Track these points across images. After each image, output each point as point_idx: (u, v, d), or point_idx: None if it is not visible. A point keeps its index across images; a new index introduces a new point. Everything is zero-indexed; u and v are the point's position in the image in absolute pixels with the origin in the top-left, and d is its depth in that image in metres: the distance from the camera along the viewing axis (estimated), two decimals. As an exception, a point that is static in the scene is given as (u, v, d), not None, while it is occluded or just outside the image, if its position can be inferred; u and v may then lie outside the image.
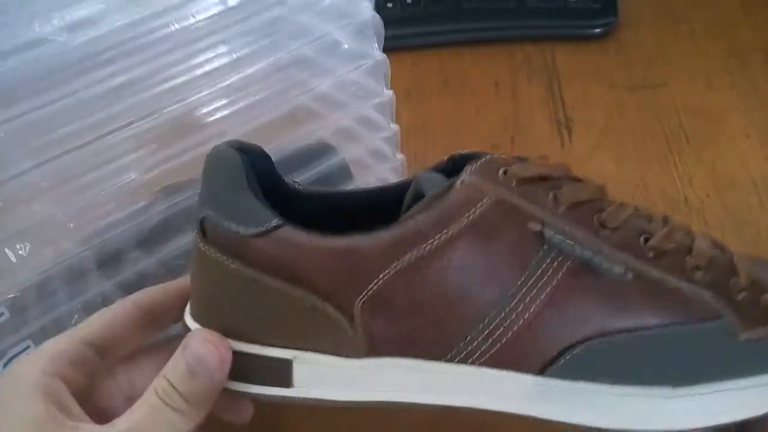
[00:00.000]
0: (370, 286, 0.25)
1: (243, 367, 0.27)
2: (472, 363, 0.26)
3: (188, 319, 0.29)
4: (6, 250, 0.29)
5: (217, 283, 0.27)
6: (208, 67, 0.30)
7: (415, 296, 0.25)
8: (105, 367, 0.28)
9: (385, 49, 0.36)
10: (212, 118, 0.31)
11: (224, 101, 0.31)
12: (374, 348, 0.26)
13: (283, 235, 0.25)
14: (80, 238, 0.31)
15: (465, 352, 0.25)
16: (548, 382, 0.25)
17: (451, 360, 0.26)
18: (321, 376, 0.27)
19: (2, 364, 0.31)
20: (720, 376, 0.25)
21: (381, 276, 0.25)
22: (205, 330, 0.27)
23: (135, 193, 0.32)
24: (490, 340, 0.25)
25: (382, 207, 0.29)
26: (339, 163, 0.38)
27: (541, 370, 0.25)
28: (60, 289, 0.32)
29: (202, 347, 0.26)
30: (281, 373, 0.27)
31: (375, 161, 0.40)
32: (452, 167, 0.28)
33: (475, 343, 0.25)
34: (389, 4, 0.60)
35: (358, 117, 0.37)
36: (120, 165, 0.30)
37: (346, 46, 0.33)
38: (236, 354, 0.27)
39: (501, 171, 0.26)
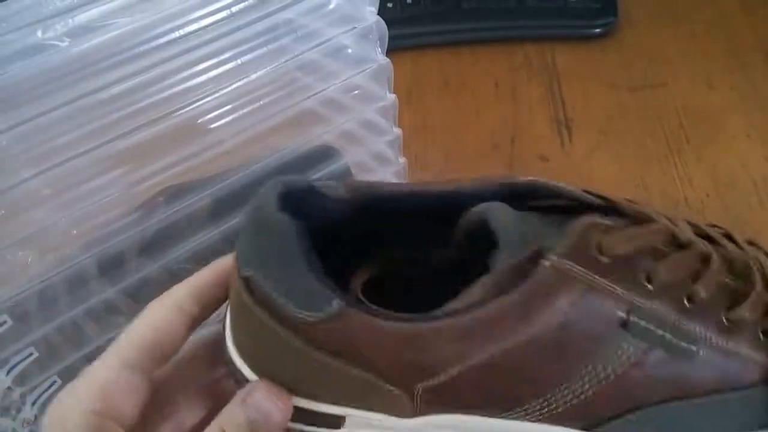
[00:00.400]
0: (437, 379, 0.23)
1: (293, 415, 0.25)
2: (528, 420, 0.25)
3: (233, 353, 0.26)
4: (8, 257, 0.29)
5: (265, 341, 0.24)
6: (213, 73, 0.30)
7: (482, 384, 0.23)
8: (154, 400, 0.25)
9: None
10: (217, 123, 0.31)
11: (229, 106, 0.31)
12: (430, 410, 0.25)
13: (344, 320, 0.23)
14: (82, 244, 0.31)
15: (522, 412, 0.24)
16: None
17: (505, 417, 0.24)
18: (371, 428, 0.26)
19: (5, 372, 0.31)
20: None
21: (449, 371, 0.23)
22: (268, 383, 0.25)
23: (138, 199, 0.31)
24: (550, 407, 0.24)
25: (427, 210, 0.27)
26: (341, 166, 0.38)
27: (593, 426, 0.24)
28: (62, 296, 0.31)
29: (267, 403, 0.24)
30: (331, 422, 0.25)
31: (378, 165, 0.40)
32: (509, 194, 0.26)
33: (534, 409, 0.24)
34: (389, 4, 0.60)
35: (361, 121, 0.37)
36: (123, 171, 0.30)
37: (350, 51, 0.33)
38: None
39: (595, 248, 0.23)
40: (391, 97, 0.36)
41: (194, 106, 0.30)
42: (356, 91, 0.36)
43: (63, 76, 0.28)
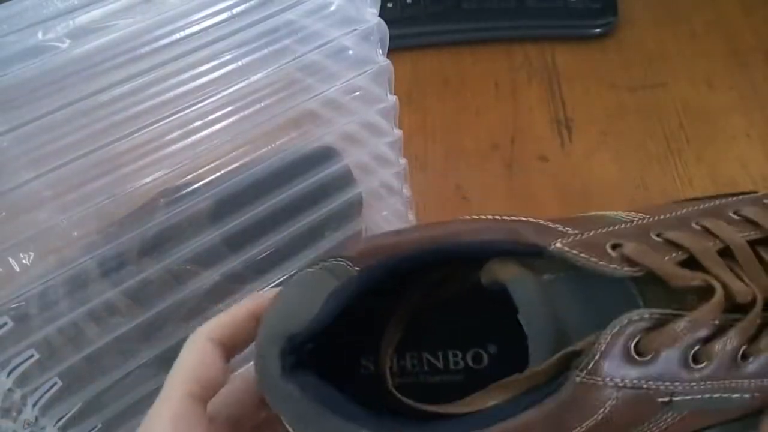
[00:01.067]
0: None
1: None
2: None
3: None
4: (9, 259, 0.29)
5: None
6: (214, 74, 0.29)
7: None
8: None
9: (385, 50, 0.36)
10: (218, 125, 0.31)
11: (230, 107, 0.31)
12: None
13: None
14: (83, 246, 0.31)
15: None
16: None
17: None
18: None
19: (6, 374, 0.31)
20: None
21: None
22: None
23: (139, 201, 0.31)
24: None
25: (439, 260, 0.25)
26: (341, 168, 0.38)
27: None
28: (63, 297, 0.31)
29: None
30: None
31: (378, 166, 0.40)
32: (524, 251, 0.24)
33: None
34: (389, 4, 0.60)
35: (362, 122, 0.37)
36: (124, 173, 0.30)
37: (351, 52, 0.33)
38: None
39: (632, 352, 0.21)
40: (392, 98, 0.36)
41: (195, 107, 0.30)
42: (357, 93, 0.36)
43: (64, 77, 0.28)
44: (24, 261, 0.29)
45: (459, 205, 0.50)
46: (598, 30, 0.59)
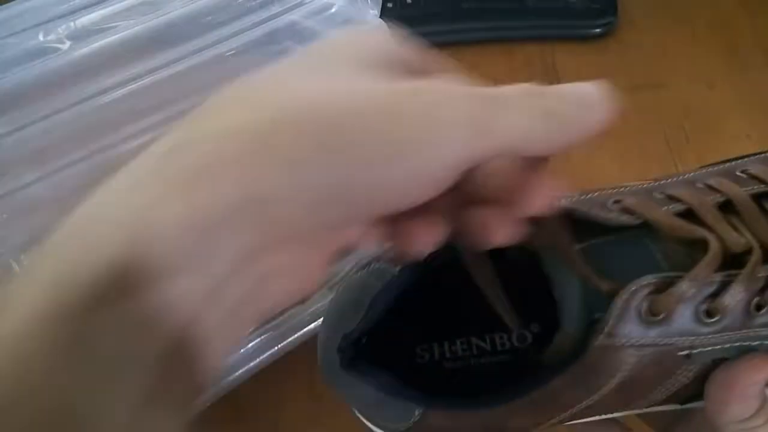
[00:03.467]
0: None
1: None
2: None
3: None
4: (11, 261, 0.29)
5: None
6: (215, 75, 0.29)
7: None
8: None
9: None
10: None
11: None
12: None
13: (429, 420, 0.25)
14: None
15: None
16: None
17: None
18: None
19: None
20: None
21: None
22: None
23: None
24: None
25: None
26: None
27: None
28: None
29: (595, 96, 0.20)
30: None
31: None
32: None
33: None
34: (389, 4, 0.60)
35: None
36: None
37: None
38: None
39: (646, 313, 0.23)
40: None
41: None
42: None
43: (65, 78, 0.28)
44: (25, 263, 0.29)
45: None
46: (598, 30, 0.59)
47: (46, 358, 0.14)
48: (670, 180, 0.27)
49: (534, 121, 0.19)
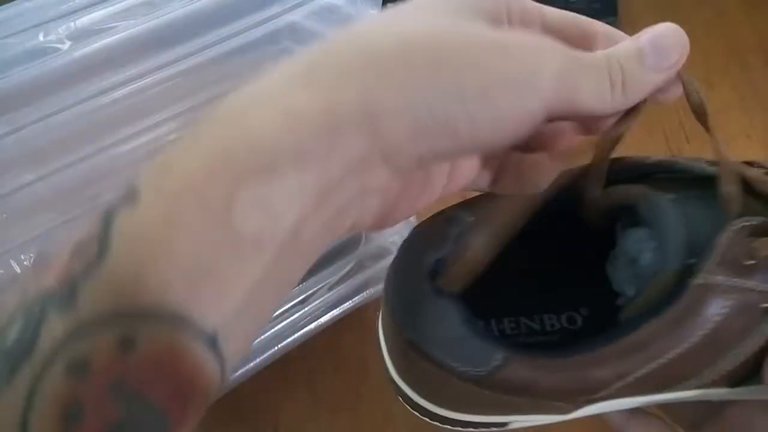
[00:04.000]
0: (598, 394, 0.25)
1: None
2: (677, 391, 0.26)
3: (396, 376, 0.26)
4: (11, 261, 0.29)
5: (432, 384, 0.25)
6: (215, 76, 0.29)
7: (639, 387, 0.25)
8: None
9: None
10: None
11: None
12: (588, 406, 0.26)
13: (509, 368, 0.23)
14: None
15: (674, 389, 0.26)
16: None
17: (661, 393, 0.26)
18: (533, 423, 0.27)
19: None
20: None
21: (611, 388, 0.24)
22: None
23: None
24: (698, 381, 0.25)
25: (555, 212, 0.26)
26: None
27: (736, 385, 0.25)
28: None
29: (666, 35, 0.24)
30: (497, 425, 0.27)
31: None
32: (639, 176, 0.27)
33: (684, 386, 0.25)
34: (389, 5, 0.60)
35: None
36: (125, 175, 0.30)
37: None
38: (448, 419, 0.26)
39: (743, 255, 0.23)
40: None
41: (198, 109, 0.30)
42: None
43: (65, 78, 0.28)
44: (25, 263, 0.29)
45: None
46: (598, 30, 0.59)
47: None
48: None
49: (603, 89, 0.22)
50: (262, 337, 0.35)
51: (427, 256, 0.24)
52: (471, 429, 0.26)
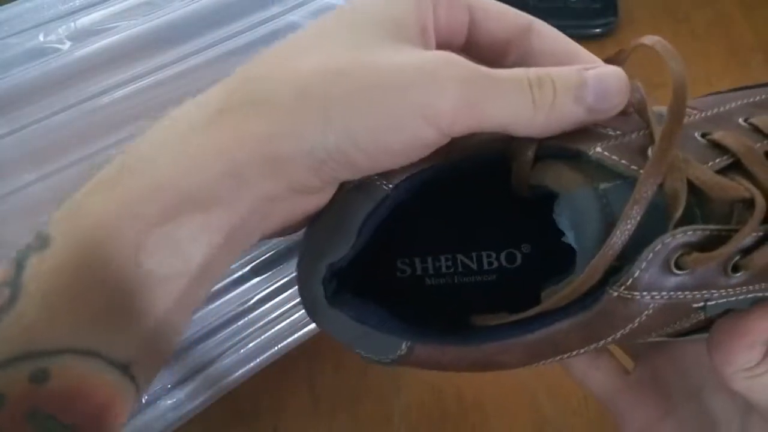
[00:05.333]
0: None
1: None
2: None
3: None
4: (10, 261, 0.29)
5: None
6: (216, 76, 0.29)
7: None
8: None
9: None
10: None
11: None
12: None
13: (415, 354, 0.24)
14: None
15: None
16: None
17: None
18: None
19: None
20: None
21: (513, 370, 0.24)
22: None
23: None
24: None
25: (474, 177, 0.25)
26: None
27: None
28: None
29: (612, 80, 0.23)
30: None
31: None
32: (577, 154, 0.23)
33: None
34: (389, 4, 0.60)
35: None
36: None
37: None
38: None
39: (670, 268, 0.21)
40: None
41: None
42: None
43: (65, 79, 0.28)
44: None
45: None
46: (598, 30, 0.59)
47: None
48: (711, 113, 0.26)
49: (521, 109, 0.21)
50: (262, 337, 0.35)
51: (323, 259, 0.23)
52: None
